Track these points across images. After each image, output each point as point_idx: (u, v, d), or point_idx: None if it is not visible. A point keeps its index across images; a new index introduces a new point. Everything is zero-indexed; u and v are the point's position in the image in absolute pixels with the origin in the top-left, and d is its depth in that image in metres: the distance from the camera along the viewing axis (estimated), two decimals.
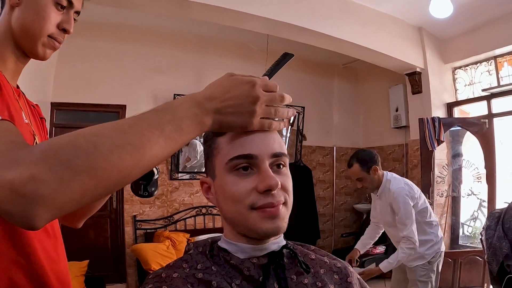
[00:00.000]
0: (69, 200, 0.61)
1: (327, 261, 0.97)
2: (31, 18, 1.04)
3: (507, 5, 4.57)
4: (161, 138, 0.69)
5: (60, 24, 1.07)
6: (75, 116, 5.21)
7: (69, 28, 1.09)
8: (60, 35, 1.09)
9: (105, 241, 5.19)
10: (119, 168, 0.65)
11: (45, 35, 1.06)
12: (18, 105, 1.03)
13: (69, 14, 1.09)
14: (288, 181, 0.88)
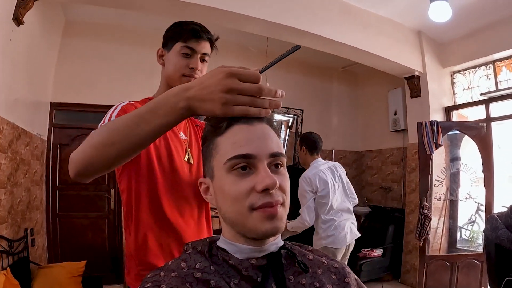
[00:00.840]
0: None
1: (325, 261, 0.97)
2: (169, 68, 1.57)
3: (505, 10, 4.60)
4: (141, 123, 0.92)
5: (189, 65, 1.54)
6: (74, 116, 5.21)
7: (194, 66, 1.54)
8: (192, 72, 1.54)
9: (103, 242, 5.19)
10: (114, 146, 0.95)
11: (180, 75, 1.53)
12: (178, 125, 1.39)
13: (194, 57, 1.56)
14: (286, 181, 0.89)
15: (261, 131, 0.88)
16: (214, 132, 0.89)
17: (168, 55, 1.58)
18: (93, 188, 5.19)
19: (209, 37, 1.63)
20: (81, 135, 5.10)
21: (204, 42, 1.58)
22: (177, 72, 1.53)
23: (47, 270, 3.95)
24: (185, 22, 1.60)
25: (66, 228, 4.98)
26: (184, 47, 1.54)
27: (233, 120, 0.87)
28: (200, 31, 1.57)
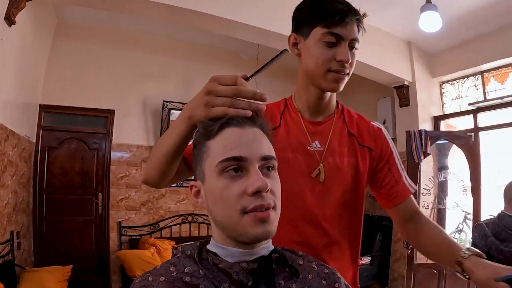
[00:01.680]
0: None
1: (315, 266, 0.98)
2: (309, 62, 1.25)
3: (494, 21, 4.67)
4: (164, 139, 1.09)
5: (336, 58, 1.20)
6: (63, 119, 5.17)
7: (342, 58, 1.19)
8: (341, 67, 1.21)
9: (89, 247, 5.13)
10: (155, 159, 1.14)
11: (325, 72, 1.22)
12: (306, 134, 1.30)
13: (342, 46, 1.20)
14: (277, 185, 0.89)
15: (253, 135, 0.89)
16: (205, 135, 0.90)
17: (304, 44, 1.26)
18: (81, 192, 5.15)
19: (357, 18, 1.23)
20: (69, 138, 5.10)
21: (352, 25, 1.21)
22: (321, 67, 1.21)
23: (33, 274, 3.89)
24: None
25: (52, 232, 4.91)
26: (328, 34, 1.20)
27: (225, 123, 0.88)
28: (347, 11, 1.20)
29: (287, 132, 1.31)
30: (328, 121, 1.33)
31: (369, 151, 1.33)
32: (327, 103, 1.33)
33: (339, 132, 1.32)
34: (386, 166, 1.34)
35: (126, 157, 5.55)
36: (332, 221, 1.28)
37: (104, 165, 5.31)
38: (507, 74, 5.01)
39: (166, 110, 5.64)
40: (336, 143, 1.30)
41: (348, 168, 1.29)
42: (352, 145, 1.31)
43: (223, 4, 3.89)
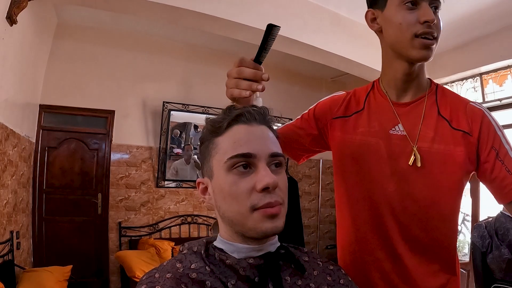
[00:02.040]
0: None
1: (320, 263, 0.99)
2: (392, 32, 1.13)
3: (493, 24, 4.69)
4: None
5: (420, 20, 1.07)
6: (63, 119, 5.17)
7: (428, 18, 1.06)
8: (428, 29, 1.08)
9: (89, 247, 5.13)
10: None
11: (411, 38, 1.09)
12: (390, 117, 1.19)
13: (423, 6, 1.07)
14: (285, 181, 0.90)
15: (261, 132, 0.90)
16: (213, 132, 0.90)
17: (383, 15, 1.17)
18: (80, 192, 5.15)
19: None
20: (69, 139, 5.11)
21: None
22: (406, 33, 1.09)
23: (32, 274, 3.90)
24: None
25: (52, 232, 4.91)
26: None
27: (233, 120, 0.89)
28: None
29: (369, 116, 1.23)
30: (416, 102, 1.19)
31: (464, 135, 1.12)
32: (415, 80, 1.19)
33: (429, 114, 1.17)
34: (492, 154, 1.10)
35: (126, 157, 5.55)
36: (413, 217, 1.15)
37: (103, 166, 5.31)
38: (506, 76, 5.02)
39: (166, 111, 5.64)
40: (424, 127, 1.16)
41: (443, 157, 1.13)
42: (442, 129, 1.14)
43: (223, 5, 3.89)
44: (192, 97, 5.91)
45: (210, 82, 6.08)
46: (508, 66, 4.94)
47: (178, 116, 5.73)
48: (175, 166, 5.78)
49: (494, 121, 1.13)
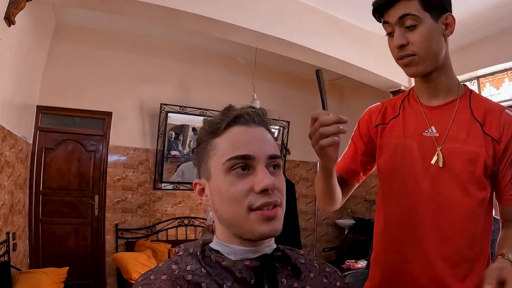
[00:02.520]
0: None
1: (317, 265, 0.99)
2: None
3: (490, 28, 4.72)
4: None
5: (395, 47, 1.21)
6: (60, 120, 5.16)
7: (397, 42, 1.19)
8: (400, 51, 1.20)
9: (85, 249, 5.12)
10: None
11: (396, 61, 1.25)
12: (423, 120, 1.26)
13: (394, 31, 1.20)
14: (283, 183, 0.91)
15: (259, 133, 0.90)
16: (211, 133, 0.90)
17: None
18: (77, 194, 5.14)
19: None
20: (66, 140, 5.09)
21: (395, 6, 1.18)
22: (395, 58, 1.26)
23: (29, 275, 3.88)
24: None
25: (48, 233, 4.89)
26: (383, 24, 1.25)
27: (231, 121, 0.89)
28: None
29: (404, 120, 1.31)
30: (448, 105, 1.25)
31: (493, 142, 1.16)
32: (439, 86, 1.26)
33: (462, 117, 1.21)
34: (507, 161, 1.16)
35: (123, 159, 5.54)
36: (445, 216, 1.18)
37: (101, 167, 5.30)
38: (503, 79, 5.05)
39: (164, 113, 5.64)
40: (456, 129, 1.20)
41: (469, 157, 1.17)
42: (475, 132, 1.18)
43: (222, 7, 3.89)
44: (189, 99, 5.92)
45: (208, 84, 6.10)
46: (505, 69, 4.97)
47: (176, 118, 5.73)
48: (182, 168, 5.78)
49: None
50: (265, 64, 6.28)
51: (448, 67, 1.26)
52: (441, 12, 1.20)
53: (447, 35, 1.23)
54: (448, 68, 1.26)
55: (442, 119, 1.23)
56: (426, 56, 1.18)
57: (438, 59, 1.21)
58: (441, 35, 1.21)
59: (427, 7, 1.16)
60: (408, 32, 1.17)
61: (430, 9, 1.17)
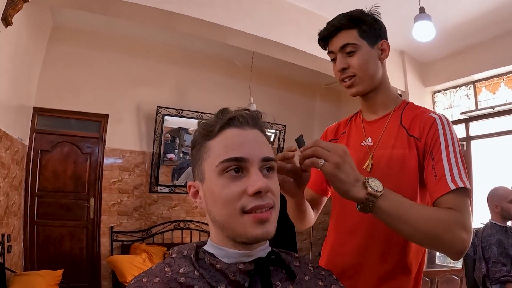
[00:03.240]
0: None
1: (311, 268, 0.99)
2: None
3: (486, 32, 4.76)
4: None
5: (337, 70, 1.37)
6: (56, 122, 5.16)
7: (339, 66, 1.34)
8: (342, 75, 1.35)
9: (80, 252, 5.10)
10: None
11: (340, 83, 1.39)
12: (362, 133, 1.42)
13: (338, 58, 1.34)
14: (277, 185, 0.90)
15: (253, 136, 0.90)
16: (205, 136, 0.90)
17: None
18: (73, 196, 5.13)
19: (340, 25, 1.34)
20: (62, 142, 5.09)
21: (337, 37, 1.34)
22: (339, 81, 1.41)
23: (23, 277, 3.87)
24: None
25: (43, 235, 4.89)
26: (328, 53, 1.40)
27: (225, 124, 0.89)
28: (326, 32, 1.37)
29: (349, 134, 1.49)
30: (383, 118, 1.39)
31: (415, 141, 1.27)
32: (376, 103, 1.41)
33: (392, 126, 1.35)
34: (430, 160, 1.23)
35: (119, 162, 5.54)
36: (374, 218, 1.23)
37: (96, 170, 5.30)
38: (499, 84, 5.10)
39: (160, 116, 5.65)
40: (387, 137, 1.34)
41: (396, 160, 1.29)
42: (402, 137, 1.31)
43: (220, 11, 3.91)
44: (185, 102, 5.93)
45: (204, 87, 6.12)
46: (501, 74, 5.01)
47: (172, 121, 5.75)
48: (188, 171, 5.80)
49: (443, 128, 1.24)
50: (261, 67, 6.30)
51: (385, 85, 1.40)
52: (377, 39, 1.35)
53: (383, 58, 1.37)
54: (385, 87, 1.40)
55: (376, 130, 1.39)
56: (365, 77, 1.33)
57: (375, 80, 1.35)
58: (377, 59, 1.35)
59: (364, 36, 1.32)
60: (349, 57, 1.32)
61: (367, 37, 1.32)
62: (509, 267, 3.03)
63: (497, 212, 3.30)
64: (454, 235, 1.05)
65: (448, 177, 1.16)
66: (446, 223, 1.06)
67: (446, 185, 1.15)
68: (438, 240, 1.05)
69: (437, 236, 1.05)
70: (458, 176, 1.16)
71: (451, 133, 1.23)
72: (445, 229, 1.05)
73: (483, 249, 3.21)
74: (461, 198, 1.13)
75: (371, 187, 1.04)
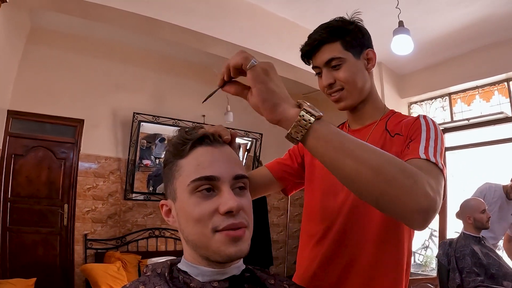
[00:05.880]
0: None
1: (287, 286, 1.01)
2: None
3: (462, 46, 5.00)
4: None
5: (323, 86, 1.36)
6: (31, 126, 5.12)
7: (326, 82, 1.32)
8: (329, 89, 1.34)
9: (54, 259, 5.06)
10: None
11: (328, 97, 1.38)
12: None
13: (323, 73, 1.33)
14: (249, 204, 0.92)
15: (225, 153, 0.93)
16: (176, 155, 0.92)
17: None
18: (46, 202, 5.10)
19: (321, 39, 1.31)
20: (37, 146, 5.06)
21: (320, 52, 1.32)
22: (326, 95, 1.39)
23: None
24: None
25: (16, 242, 4.83)
26: (313, 68, 1.38)
27: (196, 143, 0.91)
28: (308, 48, 1.35)
29: None
30: (369, 126, 1.38)
31: (399, 137, 1.25)
32: (364, 114, 1.40)
33: (376, 132, 1.34)
34: (408, 143, 1.18)
35: (94, 168, 5.56)
36: (360, 226, 1.25)
37: (71, 176, 5.29)
38: (474, 96, 5.33)
39: (136, 122, 5.70)
40: (372, 142, 1.23)
41: None
42: (385, 140, 1.29)
43: (200, 19, 3.98)
44: (163, 109, 5.99)
45: (182, 95, 6.17)
46: (476, 86, 5.25)
47: (148, 127, 5.80)
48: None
49: (425, 123, 1.22)
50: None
51: (373, 96, 1.39)
52: (362, 49, 1.34)
53: (370, 68, 1.36)
54: (373, 98, 1.39)
55: (361, 138, 1.26)
56: (353, 90, 1.32)
57: (363, 91, 1.34)
58: (364, 69, 1.34)
59: (348, 47, 1.30)
60: (334, 71, 1.31)
61: (351, 48, 1.31)
62: (483, 277, 3.17)
63: (470, 223, 3.46)
64: (417, 184, 0.84)
65: (420, 149, 1.08)
66: (405, 167, 0.86)
67: (416, 152, 1.07)
68: (394, 186, 0.82)
69: (392, 179, 0.82)
70: (433, 154, 1.05)
71: (435, 127, 1.19)
72: (404, 172, 0.84)
73: (457, 260, 3.34)
74: (432, 167, 1.00)
75: (307, 105, 0.92)
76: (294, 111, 0.90)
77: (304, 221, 1.46)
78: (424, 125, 1.20)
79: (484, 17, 4.38)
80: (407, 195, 0.82)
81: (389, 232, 1.23)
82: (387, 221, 1.22)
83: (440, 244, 3.74)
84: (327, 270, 1.27)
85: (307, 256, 1.37)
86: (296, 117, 0.88)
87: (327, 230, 1.30)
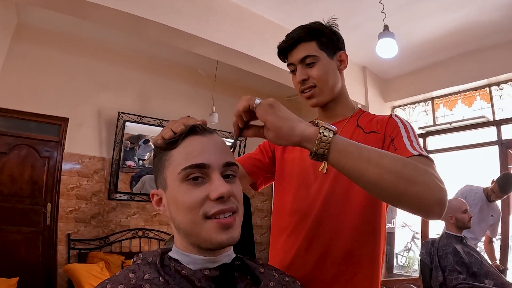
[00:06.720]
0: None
1: (276, 274, 1.03)
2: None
3: (445, 52, 5.13)
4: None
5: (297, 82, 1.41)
6: (15, 124, 5.06)
7: (299, 78, 1.38)
8: (302, 85, 1.39)
9: (36, 259, 4.99)
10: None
11: (300, 94, 1.43)
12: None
13: (298, 69, 1.38)
14: (239, 190, 0.94)
15: (214, 142, 0.93)
16: (167, 148, 0.93)
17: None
18: (29, 201, 5.05)
19: (299, 37, 1.39)
20: (20, 144, 5.00)
21: (296, 49, 1.39)
22: (298, 92, 1.44)
23: None
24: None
25: None
26: (288, 65, 1.44)
27: (186, 132, 0.92)
28: (284, 45, 1.42)
29: None
30: (339, 123, 1.43)
31: (375, 134, 1.32)
32: (334, 113, 1.46)
33: (349, 127, 1.40)
34: (388, 140, 1.27)
35: (78, 167, 5.55)
36: (334, 217, 1.30)
37: (54, 175, 5.24)
38: (456, 101, 5.46)
39: (121, 122, 5.71)
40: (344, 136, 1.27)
41: None
42: (358, 135, 1.35)
43: (188, 19, 4.01)
44: (148, 109, 6.02)
45: (167, 95, 6.20)
46: (459, 91, 5.38)
47: (133, 127, 5.82)
48: (143, 180, 5.88)
49: (400, 121, 1.31)
50: (225, 77, 6.44)
51: (344, 95, 1.47)
52: (335, 51, 1.42)
53: (342, 69, 1.44)
54: (344, 97, 1.47)
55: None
56: (324, 88, 1.39)
57: (334, 90, 1.42)
58: (336, 70, 1.42)
59: (323, 47, 1.38)
60: (308, 68, 1.38)
61: (326, 49, 1.39)
62: (465, 275, 3.25)
63: (452, 223, 3.54)
64: (430, 179, 0.95)
65: (409, 147, 1.17)
66: (416, 166, 0.97)
67: (407, 151, 1.16)
68: (414, 184, 0.92)
69: (411, 179, 0.93)
70: (419, 148, 1.17)
71: (408, 123, 1.31)
72: (417, 171, 0.95)
73: (439, 258, 3.42)
74: (425, 160, 1.10)
75: (322, 122, 0.97)
76: (313, 129, 0.96)
77: (275, 215, 1.51)
78: (400, 122, 1.30)
79: (467, 24, 4.51)
80: (427, 190, 0.93)
81: (365, 223, 1.29)
82: (363, 212, 1.29)
83: (423, 244, 3.82)
84: (303, 259, 1.31)
85: (280, 248, 1.41)
86: (317, 134, 0.95)
87: (301, 221, 1.35)
